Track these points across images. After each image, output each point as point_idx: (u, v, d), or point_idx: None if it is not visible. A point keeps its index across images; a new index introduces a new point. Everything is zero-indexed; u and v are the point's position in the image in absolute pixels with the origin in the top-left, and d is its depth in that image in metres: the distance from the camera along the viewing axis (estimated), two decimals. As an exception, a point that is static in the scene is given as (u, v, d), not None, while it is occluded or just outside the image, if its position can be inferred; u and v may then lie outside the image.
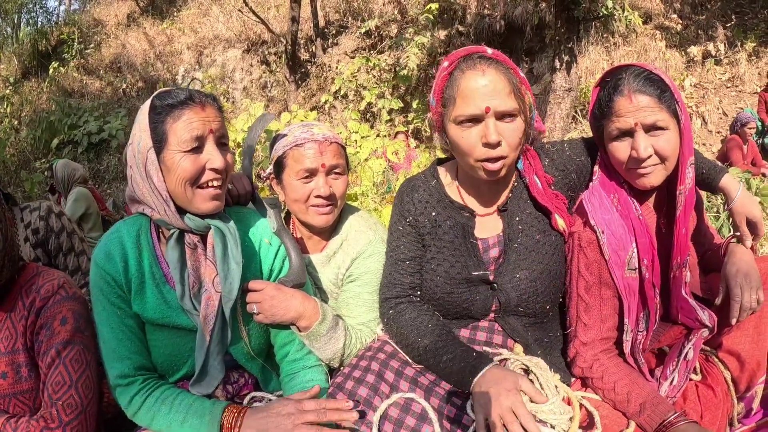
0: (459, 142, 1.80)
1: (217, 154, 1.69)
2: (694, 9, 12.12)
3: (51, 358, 1.73)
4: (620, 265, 1.86)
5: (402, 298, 2.04)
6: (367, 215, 2.32)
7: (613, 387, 1.85)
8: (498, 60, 1.77)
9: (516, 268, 1.92)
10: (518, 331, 1.94)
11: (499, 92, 1.72)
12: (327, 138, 2.11)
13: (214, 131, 1.69)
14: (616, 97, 1.78)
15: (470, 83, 1.74)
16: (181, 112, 1.66)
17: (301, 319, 1.89)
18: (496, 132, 1.72)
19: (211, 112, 1.70)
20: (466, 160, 1.82)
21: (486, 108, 1.71)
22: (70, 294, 1.82)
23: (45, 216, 2.68)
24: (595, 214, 1.87)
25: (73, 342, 1.76)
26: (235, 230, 1.78)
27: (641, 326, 1.90)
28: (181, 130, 1.65)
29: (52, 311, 1.77)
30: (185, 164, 1.65)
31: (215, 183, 1.71)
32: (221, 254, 1.74)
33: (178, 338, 1.83)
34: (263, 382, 1.96)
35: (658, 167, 1.79)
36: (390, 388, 1.83)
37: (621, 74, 1.80)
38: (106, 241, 1.82)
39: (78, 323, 1.79)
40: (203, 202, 1.71)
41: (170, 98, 1.68)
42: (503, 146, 1.75)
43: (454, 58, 1.82)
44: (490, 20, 12.06)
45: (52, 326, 1.76)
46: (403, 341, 1.96)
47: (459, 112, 1.76)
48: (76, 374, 1.74)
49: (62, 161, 6.32)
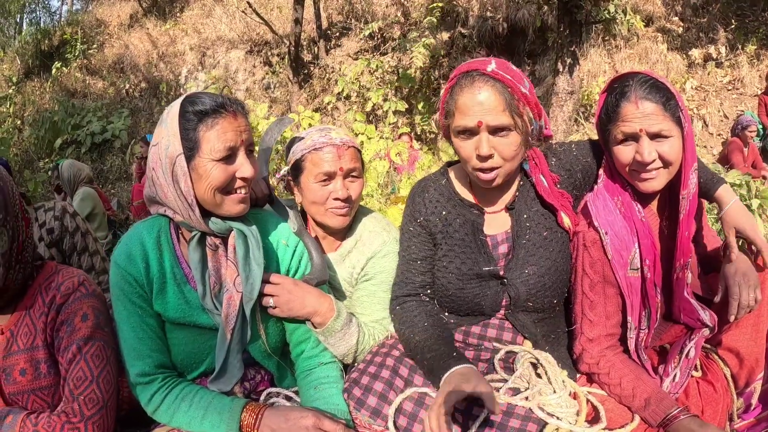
0: (459, 150, 1.93)
1: (248, 163, 1.74)
2: (695, 12, 12.12)
3: (72, 354, 1.75)
4: (623, 265, 1.92)
5: (412, 296, 2.11)
6: (380, 216, 2.38)
7: (619, 382, 1.91)
8: (496, 78, 1.84)
9: (525, 263, 1.99)
10: (527, 326, 2.01)
11: (493, 109, 1.81)
12: (345, 142, 2.16)
13: (245, 141, 1.74)
14: (623, 103, 1.84)
15: (466, 99, 1.85)
16: (215, 121, 1.69)
17: (316, 315, 1.94)
18: (487, 146, 1.83)
19: (243, 121, 1.75)
20: (466, 166, 1.95)
21: (478, 122, 1.82)
22: (90, 291, 1.84)
23: (60, 216, 2.72)
24: (599, 215, 1.94)
25: (94, 338, 1.78)
26: (257, 233, 1.83)
27: (643, 324, 1.97)
28: (215, 139, 1.68)
29: (73, 308, 1.78)
30: (217, 173, 1.70)
31: (243, 191, 1.77)
32: (243, 256, 1.80)
33: (198, 336, 1.87)
34: (279, 379, 2.01)
35: (661, 171, 1.86)
36: (404, 382, 1.90)
37: (628, 81, 1.87)
38: (127, 242, 1.86)
39: (98, 320, 1.81)
40: (232, 206, 1.76)
41: (201, 104, 1.70)
42: (495, 158, 1.86)
43: (457, 73, 1.93)
44: (492, 23, 12.06)
45: (73, 322, 1.77)
46: (400, 336, 2.05)
47: (456, 123, 1.89)
48: (98, 369, 1.76)
49: (68, 161, 6.30)
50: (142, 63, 16.21)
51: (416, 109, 11.65)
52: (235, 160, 1.73)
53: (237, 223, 1.81)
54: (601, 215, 1.94)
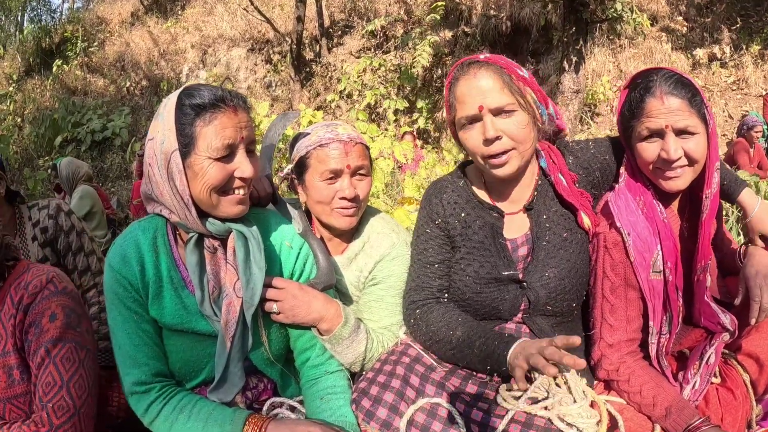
0: (466, 144, 1.90)
1: (247, 163, 1.63)
2: (699, 11, 12.13)
3: (41, 358, 1.65)
4: (645, 267, 1.86)
5: (431, 300, 2.03)
6: (388, 217, 2.29)
7: (639, 390, 1.86)
8: (489, 62, 1.85)
9: (545, 266, 1.93)
10: (545, 331, 1.94)
11: (491, 90, 1.80)
12: (352, 138, 2.08)
13: (245, 138, 1.64)
14: (648, 98, 1.79)
15: (463, 88, 1.85)
16: (213, 116, 1.58)
17: (322, 322, 1.85)
18: (493, 127, 1.80)
19: (243, 116, 1.64)
20: (477, 160, 1.91)
21: (479, 106, 1.80)
22: (60, 288, 1.73)
23: (54, 214, 2.64)
24: (621, 215, 1.87)
25: (63, 339, 1.68)
26: (258, 235, 1.73)
27: (664, 329, 1.91)
28: (212, 136, 1.58)
29: (41, 307, 1.68)
30: (213, 172, 1.60)
31: (241, 192, 1.66)
32: (243, 259, 1.70)
33: (196, 344, 1.79)
34: (282, 388, 1.92)
35: (686, 170, 1.81)
36: (416, 392, 1.81)
37: (652, 76, 1.82)
38: (121, 243, 1.77)
39: (69, 319, 1.71)
40: (229, 207, 1.66)
41: (199, 97, 1.60)
42: (504, 140, 1.82)
43: (453, 69, 1.93)
44: (495, 21, 12.04)
45: (40, 323, 1.67)
46: (434, 338, 1.95)
47: (459, 115, 1.87)
48: (68, 374, 1.66)
49: (66, 159, 6.27)
50: (143, 61, 16.23)
51: (418, 108, 11.61)
52: (233, 159, 1.63)
53: (237, 224, 1.71)
54: (624, 216, 1.88)
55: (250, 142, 1.66)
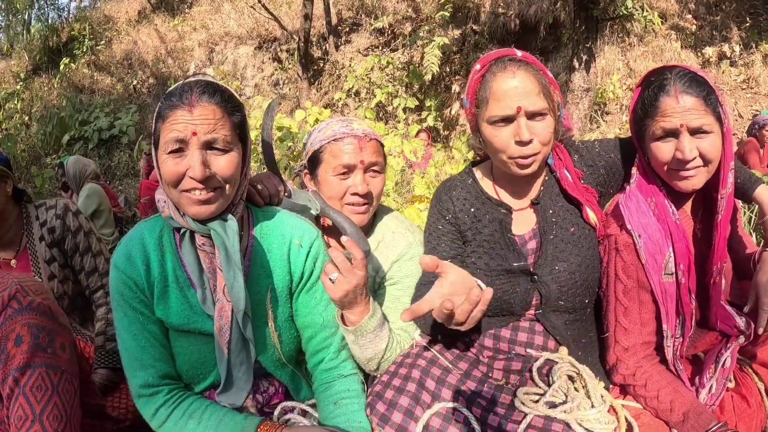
0: (492, 141, 1.87)
1: (196, 161, 1.54)
2: (709, 10, 12.05)
3: (9, 389, 1.52)
4: (657, 270, 1.84)
5: None
6: (402, 216, 2.26)
7: (656, 395, 1.83)
8: (527, 62, 1.84)
9: (554, 259, 1.92)
10: (559, 329, 1.93)
11: (530, 93, 1.79)
12: (367, 134, 2.06)
13: (198, 134, 1.56)
14: (662, 97, 1.76)
15: (502, 85, 1.81)
16: (168, 112, 1.57)
17: (354, 307, 1.79)
18: (528, 131, 1.79)
19: (202, 112, 1.57)
20: (500, 156, 1.88)
21: (518, 108, 1.78)
22: (25, 305, 1.59)
23: (62, 214, 2.61)
24: (631, 217, 1.86)
25: (31, 365, 1.54)
26: (234, 233, 1.64)
27: (677, 333, 1.89)
28: (166, 131, 1.56)
29: (4, 330, 1.55)
30: (166, 167, 1.57)
31: (197, 193, 1.58)
32: (225, 261, 1.64)
33: (203, 345, 1.75)
34: (294, 391, 1.88)
35: (700, 170, 1.78)
36: (432, 397, 1.77)
37: (666, 74, 1.78)
38: (127, 243, 1.74)
39: (37, 340, 1.56)
40: (189, 207, 1.60)
41: (171, 96, 1.60)
42: (535, 143, 1.82)
43: (486, 61, 1.89)
44: (504, 19, 11.98)
45: (5, 349, 1.54)
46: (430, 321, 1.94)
47: (492, 112, 1.83)
48: (40, 405, 1.53)
49: (73, 157, 6.27)
50: (150, 59, 16.23)
51: (427, 106, 11.57)
52: (186, 157, 1.57)
53: (213, 223, 1.65)
54: (635, 217, 1.86)
55: (209, 140, 1.58)
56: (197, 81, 1.63)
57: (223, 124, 1.60)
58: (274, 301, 1.78)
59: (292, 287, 1.84)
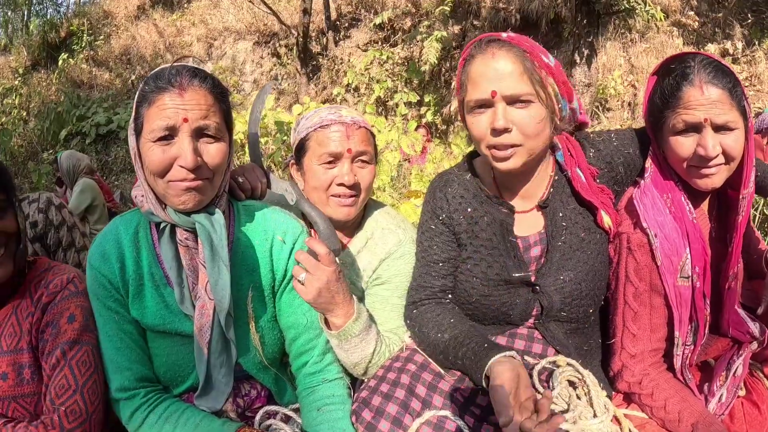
0: (471, 129, 1.72)
1: (187, 149, 1.47)
2: (711, 6, 12.01)
3: (56, 359, 1.60)
4: (672, 272, 1.72)
5: (430, 300, 1.90)
6: (394, 212, 2.16)
7: (663, 405, 1.74)
8: (511, 43, 1.65)
9: (560, 269, 1.78)
10: (559, 338, 1.82)
11: (508, 75, 1.61)
12: (356, 121, 1.96)
13: (190, 120, 1.48)
14: (686, 87, 1.62)
15: (479, 67, 1.65)
16: (156, 96, 1.48)
17: (335, 309, 1.71)
18: (503, 117, 1.61)
19: (193, 97, 1.49)
20: (480, 148, 1.73)
21: (492, 92, 1.61)
22: (81, 289, 1.68)
23: (44, 208, 2.54)
24: (647, 215, 1.73)
25: (80, 342, 1.62)
26: (221, 227, 1.58)
27: (689, 339, 1.79)
28: (153, 116, 1.47)
29: (60, 307, 1.63)
30: (152, 156, 1.48)
31: (186, 183, 1.50)
32: (209, 256, 1.56)
33: (181, 346, 1.68)
34: (277, 395, 1.81)
35: (722, 168, 1.65)
36: (422, 404, 1.67)
37: (688, 61, 1.65)
38: (102, 239, 1.68)
39: (87, 321, 1.65)
40: (175, 197, 1.52)
41: (158, 79, 1.51)
42: (514, 133, 1.63)
43: (470, 43, 1.74)
44: (505, 14, 11.92)
45: (58, 324, 1.62)
46: (425, 340, 1.83)
47: (469, 97, 1.68)
48: (83, 378, 1.60)
49: (67, 152, 6.33)
50: (148, 54, 16.21)
51: (426, 101, 11.52)
52: (174, 144, 1.49)
53: (199, 215, 1.57)
54: (650, 215, 1.73)
55: (201, 127, 1.51)
56: (184, 65, 1.54)
57: (215, 110, 1.54)
58: (256, 301, 1.71)
59: (275, 286, 1.77)
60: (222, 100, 1.58)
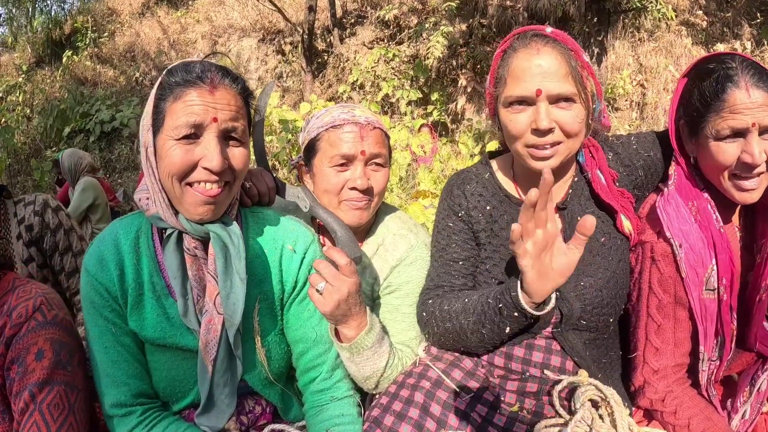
0: (507, 125, 1.65)
1: (215, 150, 1.38)
2: (720, 6, 11.90)
3: (24, 403, 1.45)
4: (698, 285, 1.64)
5: (447, 290, 1.82)
6: (405, 216, 2.06)
7: (687, 424, 1.67)
8: (556, 39, 1.59)
9: (580, 274, 1.69)
10: (577, 349, 1.73)
11: (554, 73, 1.55)
12: (370, 122, 1.85)
13: (219, 120, 1.39)
14: (731, 89, 1.52)
15: (522, 62, 1.59)
16: (183, 91, 1.38)
17: (349, 321, 1.60)
18: (547, 118, 1.56)
19: (224, 96, 1.41)
20: (515, 146, 1.67)
21: (537, 90, 1.55)
22: (49, 319, 1.53)
23: (40, 211, 2.44)
24: (671, 224, 1.64)
25: (51, 382, 1.47)
26: (239, 238, 1.48)
27: (714, 355, 1.71)
28: (178, 112, 1.37)
29: (26, 342, 1.48)
30: (174, 155, 1.38)
31: (208, 186, 1.41)
32: (222, 269, 1.46)
33: (182, 361, 1.58)
34: (283, 411, 1.72)
35: (763, 177, 1.56)
36: (437, 424, 1.58)
37: (729, 62, 1.56)
38: (99, 243, 1.56)
39: (58, 356, 1.50)
40: (192, 206, 1.42)
41: (182, 73, 1.41)
42: (556, 133, 1.59)
43: (511, 35, 1.68)
44: (512, 12, 11.80)
45: (25, 361, 1.47)
46: (449, 316, 1.73)
47: (508, 92, 1.61)
48: (56, 424, 1.45)
49: (68, 150, 6.26)
50: (152, 51, 16.16)
51: (432, 100, 11.43)
52: (200, 144, 1.40)
53: (214, 225, 1.47)
54: (674, 224, 1.64)
55: (229, 128, 1.43)
56: (213, 63, 1.46)
57: (243, 114, 1.47)
58: (263, 314, 1.61)
59: (284, 297, 1.66)
60: (248, 104, 1.50)
